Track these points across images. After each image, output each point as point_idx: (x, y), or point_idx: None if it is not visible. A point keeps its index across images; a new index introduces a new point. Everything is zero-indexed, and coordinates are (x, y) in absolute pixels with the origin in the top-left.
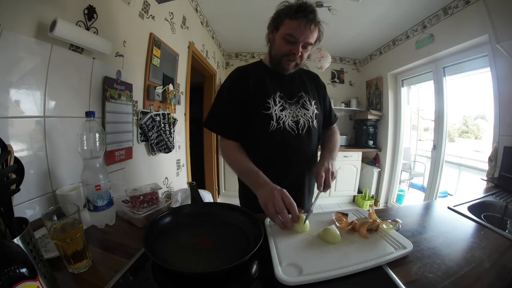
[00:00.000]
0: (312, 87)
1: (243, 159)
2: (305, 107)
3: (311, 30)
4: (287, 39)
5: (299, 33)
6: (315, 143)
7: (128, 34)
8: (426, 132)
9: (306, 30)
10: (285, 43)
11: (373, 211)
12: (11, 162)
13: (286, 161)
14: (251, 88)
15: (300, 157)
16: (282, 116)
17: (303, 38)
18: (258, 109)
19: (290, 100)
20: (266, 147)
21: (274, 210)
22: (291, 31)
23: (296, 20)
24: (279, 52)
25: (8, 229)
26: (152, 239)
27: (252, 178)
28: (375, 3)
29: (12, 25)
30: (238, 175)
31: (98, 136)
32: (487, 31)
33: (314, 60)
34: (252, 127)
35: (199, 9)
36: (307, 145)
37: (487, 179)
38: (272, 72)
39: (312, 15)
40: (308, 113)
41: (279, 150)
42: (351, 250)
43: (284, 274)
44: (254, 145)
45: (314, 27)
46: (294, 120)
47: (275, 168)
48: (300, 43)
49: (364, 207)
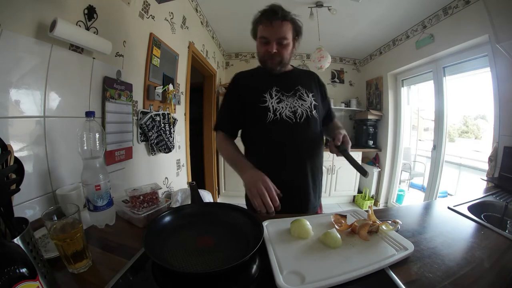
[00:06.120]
0: (310, 82)
1: (230, 148)
2: (302, 99)
3: (276, 26)
4: (262, 42)
5: (267, 33)
6: (316, 133)
7: (128, 34)
8: (426, 132)
9: (272, 28)
10: (262, 45)
11: (372, 212)
12: (11, 162)
13: (285, 151)
14: (248, 86)
15: (299, 146)
16: (279, 108)
17: (272, 35)
18: (255, 103)
19: (287, 93)
20: (264, 138)
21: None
22: (261, 33)
23: (262, 23)
24: (260, 54)
25: (8, 229)
26: (152, 239)
27: (237, 164)
28: (375, 3)
29: (12, 25)
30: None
31: (98, 136)
32: (487, 31)
33: (314, 60)
34: (249, 121)
35: (199, 9)
36: (306, 134)
37: (487, 179)
38: (269, 73)
39: (272, 13)
40: (306, 103)
41: (276, 140)
42: (352, 254)
43: (286, 283)
44: (253, 138)
45: (281, 22)
46: (292, 110)
47: (275, 159)
48: (273, 41)
49: (364, 207)
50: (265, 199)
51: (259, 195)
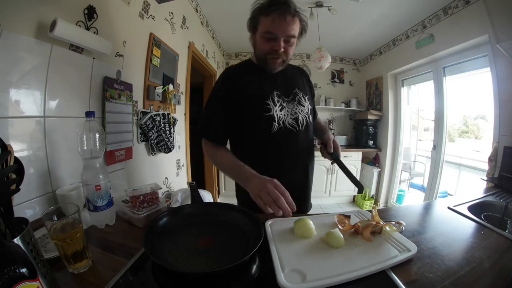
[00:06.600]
0: (304, 83)
1: (227, 157)
2: (301, 104)
3: (287, 21)
4: (266, 37)
5: (276, 28)
6: (312, 137)
7: (128, 34)
8: (426, 132)
9: (282, 23)
10: (265, 41)
11: (377, 213)
12: (11, 162)
13: (288, 157)
14: (247, 90)
15: (302, 151)
16: (282, 116)
17: (282, 32)
18: (258, 111)
19: (287, 98)
20: (268, 148)
21: (270, 199)
22: (268, 28)
23: (270, 15)
24: (262, 52)
25: (8, 229)
26: (152, 239)
27: (240, 173)
28: (375, 3)
29: (12, 25)
30: (225, 173)
31: (98, 136)
32: (487, 31)
33: (314, 60)
34: (250, 130)
35: (199, 9)
36: (306, 141)
37: (487, 179)
38: (263, 70)
39: (285, 6)
40: (304, 109)
41: (282, 150)
42: (355, 254)
43: (286, 281)
44: (255, 147)
45: (292, 18)
46: (294, 118)
47: (280, 167)
48: (280, 38)
49: (364, 207)
50: (282, 204)
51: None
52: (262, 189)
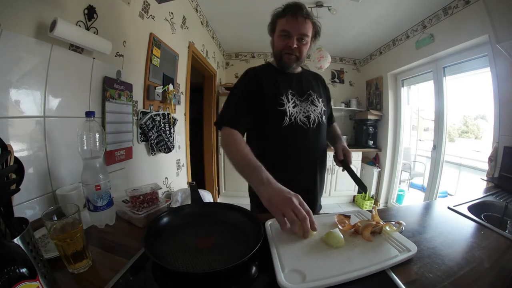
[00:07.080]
0: (319, 87)
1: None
2: (314, 104)
3: (299, 22)
4: (282, 35)
5: (290, 26)
6: (324, 139)
7: (128, 34)
8: (426, 132)
9: (295, 22)
10: (281, 39)
11: (377, 213)
12: (11, 162)
13: (297, 155)
14: (264, 87)
15: (312, 151)
16: (294, 112)
17: (295, 30)
18: (272, 106)
19: (301, 98)
20: (278, 142)
21: (294, 217)
22: (283, 27)
23: (285, 17)
24: (278, 49)
25: (8, 229)
26: (152, 239)
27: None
28: (375, 3)
29: (12, 25)
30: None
31: (98, 136)
32: (487, 31)
33: (314, 60)
34: (262, 123)
35: (199, 9)
36: (317, 139)
37: (487, 179)
38: (281, 72)
39: (298, 9)
40: (317, 109)
41: (291, 144)
42: (355, 254)
43: (286, 281)
44: (265, 141)
45: (303, 19)
46: (306, 116)
47: (288, 163)
48: (294, 35)
49: (364, 207)
50: (306, 226)
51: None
52: (287, 203)
